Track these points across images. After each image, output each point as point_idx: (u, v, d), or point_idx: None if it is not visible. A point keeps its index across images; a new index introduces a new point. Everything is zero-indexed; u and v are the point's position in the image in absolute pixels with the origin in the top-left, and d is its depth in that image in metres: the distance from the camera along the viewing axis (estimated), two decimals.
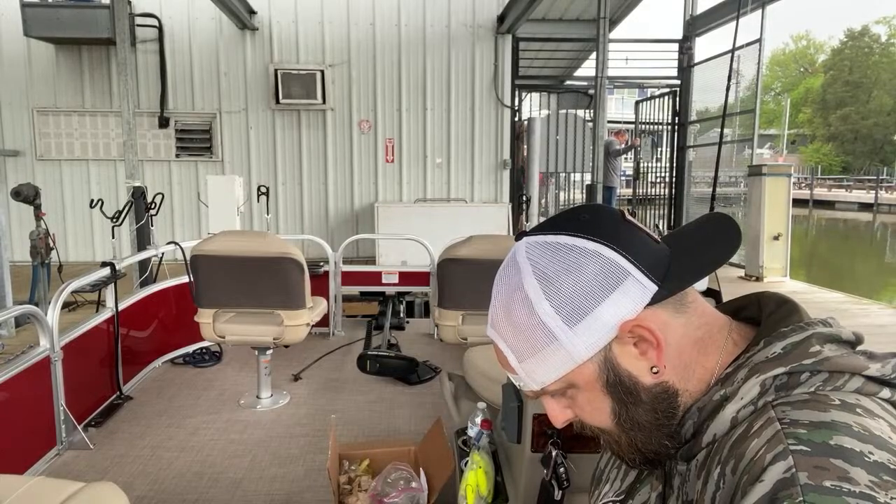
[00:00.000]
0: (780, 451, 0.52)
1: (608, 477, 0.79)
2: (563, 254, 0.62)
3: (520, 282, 0.64)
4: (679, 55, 9.65)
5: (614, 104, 20.86)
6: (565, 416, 0.69)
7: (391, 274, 4.96)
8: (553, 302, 0.61)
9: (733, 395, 0.60)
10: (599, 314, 0.61)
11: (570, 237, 0.63)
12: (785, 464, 0.51)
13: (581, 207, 0.68)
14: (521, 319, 0.63)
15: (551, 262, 0.62)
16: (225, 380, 3.88)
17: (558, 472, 1.52)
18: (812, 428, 0.53)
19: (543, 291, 0.62)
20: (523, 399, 1.70)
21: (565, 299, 0.61)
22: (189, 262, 3.28)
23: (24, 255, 5.59)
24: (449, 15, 8.78)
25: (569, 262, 0.62)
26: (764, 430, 0.55)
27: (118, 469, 2.77)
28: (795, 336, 0.61)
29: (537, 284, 0.62)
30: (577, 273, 0.61)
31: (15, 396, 2.64)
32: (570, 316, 0.61)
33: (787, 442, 0.52)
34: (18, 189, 5.19)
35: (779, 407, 0.57)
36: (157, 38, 8.40)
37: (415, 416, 3.36)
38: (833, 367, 0.58)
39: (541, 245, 0.64)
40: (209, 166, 8.70)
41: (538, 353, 0.63)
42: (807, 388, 0.57)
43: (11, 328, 5.03)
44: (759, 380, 0.59)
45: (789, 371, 0.58)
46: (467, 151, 9.05)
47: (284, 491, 2.62)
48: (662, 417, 0.64)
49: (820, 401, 0.56)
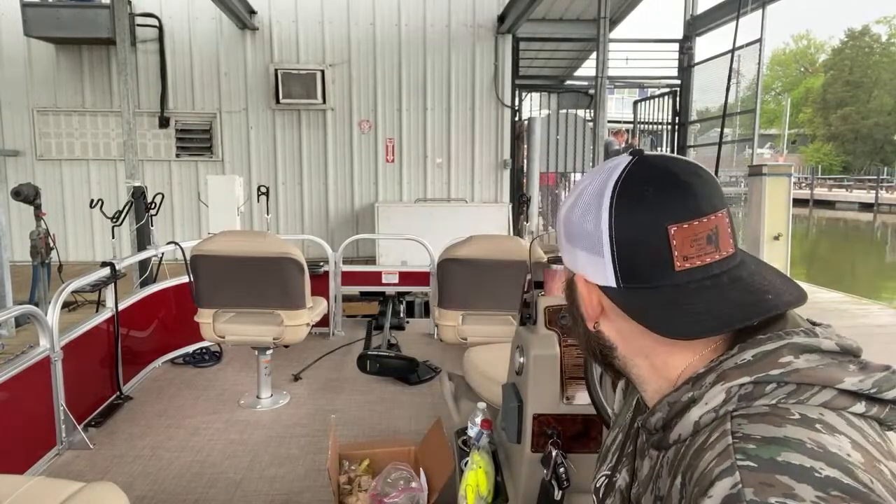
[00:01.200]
0: (727, 467, 0.52)
1: (611, 453, 0.82)
2: (598, 194, 0.65)
3: (583, 186, 0.69)
4: (679, 55, 9.65)
5: (614, 104, 20.85)
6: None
7: (391, 274, 4.96)
8: (571, 215, 0.68)
9: (699, 399, 0.60)
10: (577, 254, 0.68)
11: (628, 189, 0.64)
12: (731, 479, 0.51)
13: (685, 182, 0.63)
14: (562, 220, 0.72)
15: (591, 184, 0.67)
16: (225, 380, 3.88)
17: (558, 472, 1.52)
18: (762, 444, 0.52)
19: (573, 204, 0.68)
20: (523, 399, 1.70)
21: (574, 223, 0.68)
22: (189, 262, 3.28)
23: (25, 255, 5.59)
24: (449, 15, 8.77)
25: (594, 203, 0.65)
26: (717, 443, 0.55)
27: (118, 469, 2.77)
28: (769, 345, 0.59)
29: (573, 200, 0.69)
30: (587, 216, 0.66)
31: (15, 396, 2.64)
32: (569, 236, 0.69)
33: (736, 457, 0.52)
34: (18, 189, 5.19)
35: (736, 419, 0.56)
36: (157, 38, 8.39)
37: (415, 416, 3.35)
38: (801, 380, 0.56)
39: (614, 177, 0.66)
40: (209, 166, 8.70)
41: (556, 234, 0.73)
42: (769, 399, 0.57)
43: (11, 328, 5.02)
44: (724, 387, 0.58)
45: (755, 381, 0.57)
46: (467, 151, 9.04)
47: (284, 491, 2.61)
48: (598, 354, 0.72)
49: (778, 414, 0.55)
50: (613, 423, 0.88)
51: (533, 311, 1.75)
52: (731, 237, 0.63)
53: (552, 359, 1.67)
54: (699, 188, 0.62)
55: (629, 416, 0.81)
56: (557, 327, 1.71)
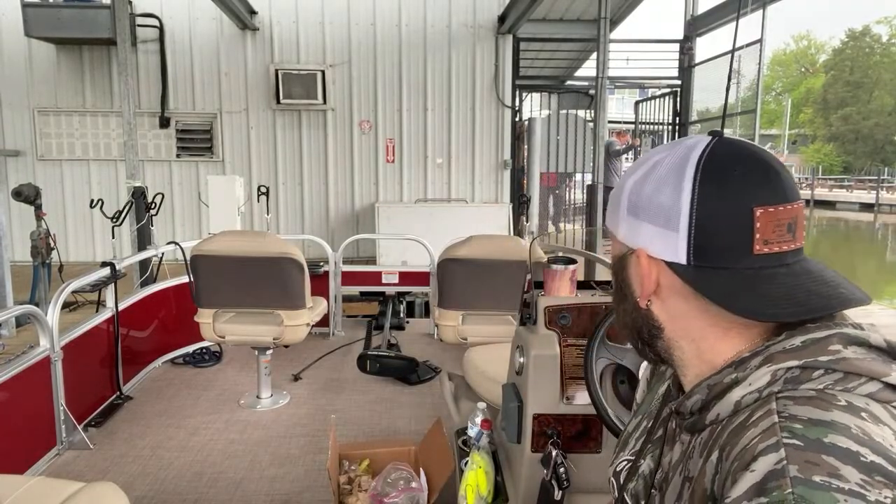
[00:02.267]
0: (772, 443, 0.52)
1: (634, 439, 0.82)
2: (678, 168, 0.64)
3: (656, 159, 0.67)
4: (680, 55, 9.64)
5: (615, 104, 20.85)
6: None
7: (391, 274, 4.96)
8: (641, 188, 0.67)
9: (742, 380, 0.60)
10: (642, 228, 0.66)
11: (714, 165, 0.63)
12: (776, 455, 0.51)
13: (773, 167, 0.63)
14: (622, 178, 0.71)
15: (668, 157, 0.66)
16: (225, 380, 3.88)
17: (558, 472, 1.52)
18: (809, 424, 0.53)
19: (644, 176, 0.67)
20: (523, 399, 1.70)
21: (644, 195, 0.66)
22: (189, 262, 3.28)
23: (25, 255, 5.59)
24: (449, 15, 8.77)
25: (672, 177, 0.64)
26: (762, 420, 0.56)
27: (118, 469, 2.77)
28: (818, 333, 0.60)
29: (643, 172, 0.67)
30: (662, 189, 0.64)
31: (15, 396, 2.64)
32: (634, 208, 0.67)
33: (782, 435, 0.52)
34: (19, 189, 5.19)
35: (781, 400, 0.57)
36: (157, 39, 8.39)
37: (415, 416, 3.35)
38: (849, 369, 0.57)
39: (696, 152, 0.65)
40: (210, 166, 8.70)
41: (610, 207, 0.72)
42: (816, 384, 0.57)
43: (12, 328, 5.03)
44: (770, 369, 0.59)
45: (802, 365, 0.58)
46: (468, 152, 9.04)
47: (284, 491, 2.61)
48: (644, 335, 0.71)
49: (825, 399, 0.55)
50: (636, 410, 0.89)
51: (533, 311, 1.75)
52: (804, 230, 0.64)
53: (552, 359, 1.67)
54: (784, 175, 0.63)
55: (656, 403, 0.81)
56: (557, 327, 1.71)
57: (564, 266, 1.86)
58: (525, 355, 1.70)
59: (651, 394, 0.86)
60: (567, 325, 1.70)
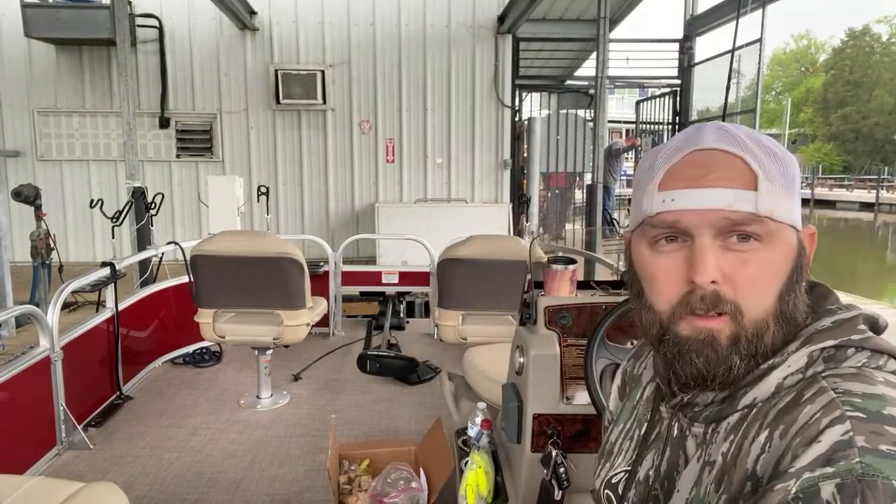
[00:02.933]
0: (837, 416, 0.53)
1: (621, 449, 0.80)
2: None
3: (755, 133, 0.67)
4: (679, 55, 9.65)
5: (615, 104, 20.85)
6: (716, 271, 0.61)
7: (391, 274, 4.96)
8: (797, 167, 0.66)
9: (780, 364, 0.62)
10: (797, 203, 0.65)
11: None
12: (843, 427, 0.52)
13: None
14: (776, 149, 0.65)
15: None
16: (225, 380, 3.88)
17: (558, 472, 1.52)
18: (865, 398, 0.54)
19: (791, 155, 0.66)
20: (523, 399, 1.70)
21: (799, 175, 0.66)
22: (189, 262, 3.28)
23: (25, 256, 5.59)
24: (449, 15, 8.77)
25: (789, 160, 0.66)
26: (818, 397, 0.57)
27: (118, 469, 2.77)
28: (844, 314, 0.63)
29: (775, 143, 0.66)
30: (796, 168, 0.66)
31: (15, 396, 2.64)
32: (791, 184, 0.64)
33: (844, 408, 0.53)
34: (19, 189, 5.19)
35: (829, 378, 0.58)
36: (157, 39, 8.39)
37: (415, 416, 3.35)
38: (875, 347, 0.60)
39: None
40: (209, 166, 8.70)
41: (780, 185, 0.63)
42: (853, 362, 0.60)
43: (12, 328, 5.03)
44: (807, 350, 0.61)
45: (838, 344, 0.61)
46: (468, 151, 9.04)
47: (284, 491, 2.61)
48: (801, 325, 0.65)
49: (867, 376, 0.57)
50: (616, 419, 0.86)
51: (533, 311, 1.74)
52: None
53: (552, 359, 1.67)
54: None
55: (643, 408, 0.80)
56: (557, 327, 1.71)
57: (564, 266, 1.85)
58: (525, 355, 1.70)
59: (630, 401, 0.85)
60: (567, 325, 1.70)
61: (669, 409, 0.72)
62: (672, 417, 0.72)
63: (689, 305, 0.63)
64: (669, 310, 0.65)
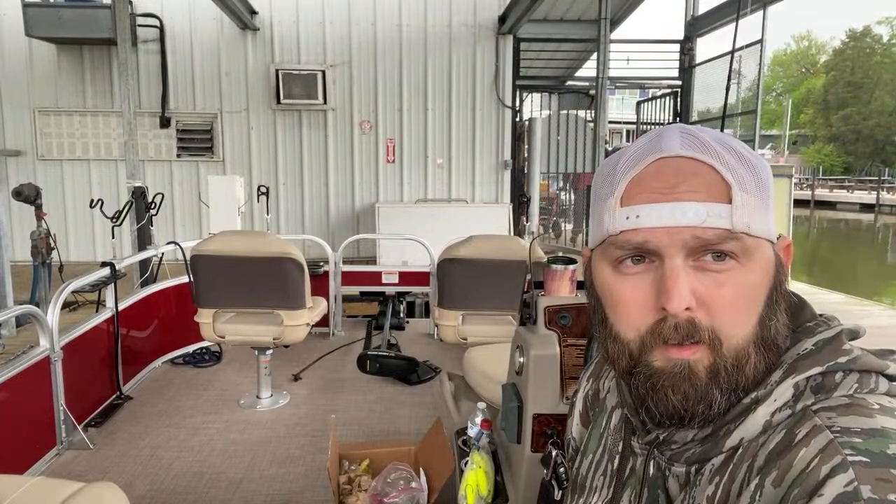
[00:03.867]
0: (838, 463, 0.47)
1: (594, 485, 0.73)
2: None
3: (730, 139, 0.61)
4: (680, 56, 9.65)
5: (615, 105, 20.86)
6: (690, 297, 0.55)
7: (391, 274, 4.96)
8: (763, 167, 0.59)
9: (765, 398, 0.56)
10: (772, 213, 0.59)
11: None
12: (846, 476, 0.46)
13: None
14: (746, 153, 0.58)
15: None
16: (225, 380, 3.88)
17: (558, 472, 1.52)
18: (866, 436, 0.48)
19: (757, 156, 0.59)
20: (523, 399, 1.70)
21: (769, 182, 0.59)
22: (189, 262, 3.28)
23: (25, 255, 5.60)
24: (450, 15, 8.77)
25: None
26: (812, 438, 0.51)
27: (118, 469, 2.77)
28: (824, 332, 0.57)
29: (752, 154, 0.59)
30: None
31: (15, 396, 2.64)
32: (766, 192, 0.58)
33: (845, 452, 0.48)
34: (20, 189, 5.20)
35: (821, 413, 0.52)
36: (158, 39, 8.40)
37: (415, 416, 3.35)
38: (862, 367, 0.54)
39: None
40: (210, 166, 8.71)
41: (754, 194, 0.56)
42: (844, 390, 0.54)
43: (12, 328, 5.03)
44: (793, 381, 0.55)
45: (825, 371, 0.54)
46: (468, 152, 9.04)
47: (284, 491, 2.61)
48: (782, 351, 0.58)
49: (861, 405, 0.52)
50: (584, 449, 0.79)
51: (533, 311, 1.74)
52: None
53: (552, 359, 1.67)
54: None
55: (611, 438, 0.73)
56: (557, 327, 1.71)
57: (564, 266, 1.85)
58: (525, 355, 1.70)
59: (596, 429, 0.77)
60: (567, 325, 1.70)
61: (643, 445, 0.65)
62: (647, 455, 0.64)
63: (660, 335, 0.56)
64: (639, 340, 0.57)
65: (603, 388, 0.80)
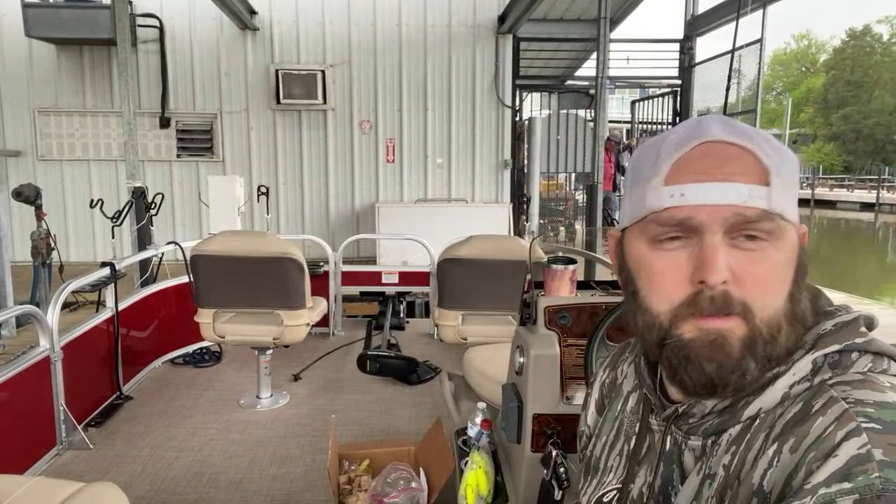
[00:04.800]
0: (852, 429, 0.51)
1: (609, 466, 0.77)
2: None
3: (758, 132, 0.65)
4: (680, 55, 9.65)
5: (615, 104, 20.86)
6: (727, 271, 0.58)
7: (391, 274, 4.96)
8: (790, 157, 0.63)
9: (786, 371, 0.59)
10: (796, 201, 0.63)
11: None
12: (859, 440, 0.50)
13: None
14: (780, 146, 0.63)
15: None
16: (225, 380, 3.88)
17: (558, 472, 1.52)
18: (879, 407, 0.52)
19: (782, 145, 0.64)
20: (523, 399, 1.70)
21: (797, 173, 0.63)
22: (189, 262, 3.28)
23: (25, 256, 5.60)
24: (450, 15, 8.77)
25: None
26: (829, 408, 0.54)
27: (118, 469, 2.77)
28: (844, 316, 0.62)
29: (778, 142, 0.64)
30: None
31: (15, 396, 2.64)
32: (794, 182, 0.63)
33: (859, 419, 0.51)
34: (19, 189, 5.20)
35: (837, 386, 0.56)
36: (157, 39, 8.40)
37: (415, 416, 3.35)
38: (877, 349, 0.59)
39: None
40: (210, 166, 8.71)
41: (788, 182, 0.60)
42: (858, 368, 0.58)
43: (12, 328, 5.03)
44: (812, 356, 0.59)
45: (842, 349, 0.59)
46: (468, 151, 9.04)
47: (284, 491, 2.61)
48: (809, 327, 0.62)
49: (873, 381, 0.56)
50: (598, 432, 0.83)
51: (533, 311, 1.74)
52: None
53: (552, 359, 1.67)
54: None
55: (629, 421, 0.76)
56: (557, 327, 1.70)
57: (564, 266, 1.85)
58: (525, 355, 1.70)
59: (610, 413, 0.81)
60: (567, 325, 1.70)
61: (661, 421, 0.68)
62: (664, 430, 0.68)
63: (696, 306, 0.58)
64: (670, 311, 0.60)
65: (620, 374, 0.84)
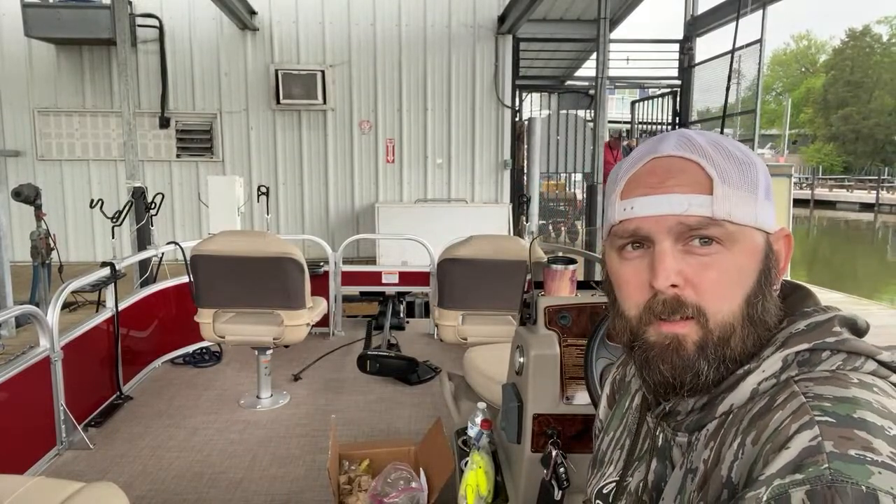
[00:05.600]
0: (805, 421, 0.53)
1: (611, 458, 0.80)
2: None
3: (724, 139, 0.68)
4: (680, 55, 9.65)
5: (615, 104, 20.87)
6: (675, 275, 0.62)
7: (391, 274, 4.96)
8: (763, 170, 0.66)
9: (755, 369, 0.62)
10: (770, 207, 0.66)
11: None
12: (811, 433, 0.52)
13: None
14: (738, 153, 0.65)
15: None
16: (225, 380, 3.88)
17: (558, 472, 1.52)
18: (836, 402, 0.54)
19: (757, 159, 0.67)
20: (523, 399, 1.70)
21: (766, 178, 0.66)
22: (189, 262, 3.28)
23: (25, 256, 5.59)
24: (449, 15, 8.77)
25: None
26: (788, 402, 0.57)
27: (118, 469, 2.77)
28: (819, 316, 0.63)
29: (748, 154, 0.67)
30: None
31: (15, 396, 2.64)
32: (767, 190, 0.65)
33: (813, 413, 0.53)
34: (19, 189, 5.19)
35: (801, 382, 0.58)
36: (157, 39, 8.40)
37: (415, 416, 3.35)
38: (851, 349, 0.59)
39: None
40: (210, 166, 8.71)
41: (739, 188, 0.63)
42: (827, 366, 0.59)
43: (12, 328, 5.03)
44: (782, 354, 0.61)
45: (812, 347, 0.60)
46: (468, 152, 9.04)
47: (284, 491, 2.61)
48: (772, 328, 0.64)
49: (840, 378, 0.57)
50: (606, 426, 0.86)
51: (533, 311, 1.74)
52: None
53: (552, 359, 1.67)
54: None
55: (630, 417, 0.80)
56: (557, 327, 1.71)
57: (564, 266, 1.85)
58: (525, 355, 1.70)
59: (619, 409, 0.84)
60: (567, 325, 1.70)
61: (654, 418, 0.72)
62: (657, 427, 0.72)
63: (652, 310, 0.63)
64: (637, 316, 0.65)
65: (629, 372, 0.88)
